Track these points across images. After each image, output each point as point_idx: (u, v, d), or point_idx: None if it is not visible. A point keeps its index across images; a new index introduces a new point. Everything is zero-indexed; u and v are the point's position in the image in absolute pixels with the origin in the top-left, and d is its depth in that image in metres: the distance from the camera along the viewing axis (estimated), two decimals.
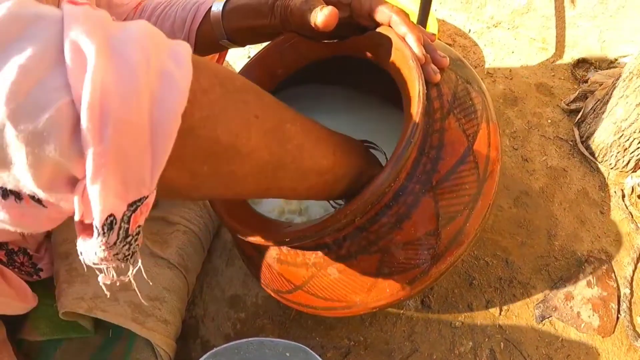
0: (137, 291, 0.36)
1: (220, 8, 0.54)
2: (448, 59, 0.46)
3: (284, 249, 0.49)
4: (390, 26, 0.45)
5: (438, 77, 0.45)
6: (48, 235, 0.67)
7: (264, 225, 0.48)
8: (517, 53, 0.93)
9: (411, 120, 0.40)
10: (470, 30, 0.97)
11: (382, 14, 0.45)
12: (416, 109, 0.40)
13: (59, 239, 0.66)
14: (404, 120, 0.42)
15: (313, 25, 0.43)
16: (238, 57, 1.00)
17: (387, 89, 0.53)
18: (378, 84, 0.59)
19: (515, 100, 0.86)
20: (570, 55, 0.92)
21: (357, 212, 0.41)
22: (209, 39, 0.56)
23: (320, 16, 0.41)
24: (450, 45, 0.95)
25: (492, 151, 0.47)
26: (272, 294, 0.55)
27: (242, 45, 0.58)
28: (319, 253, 0.47)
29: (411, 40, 0.44)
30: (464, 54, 0.94)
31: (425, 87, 0.42)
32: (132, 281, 0.28)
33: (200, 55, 0.56)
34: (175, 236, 0.71)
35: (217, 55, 0.65)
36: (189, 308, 0.71)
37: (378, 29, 0.47)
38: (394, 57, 0.45)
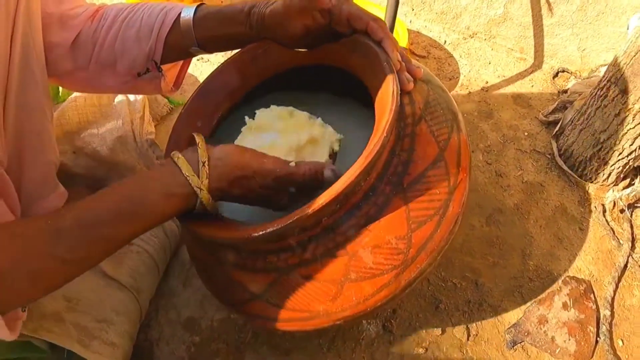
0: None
1: (191, 15, 0.55)
2: (422, 69, 0.50)
3: (243, 252, 0.49)
4: (367, 33, 0.48)
5: (411, 85, 0.48)
6: None
7: (225, 226, 0.49)
8: (494, 64, 0.95)
9: (383, 119, 0.42)
10: (445, 41, 0.99)
11: (359, 20, 0.48)
12: (389, 107, 0.43)
13: None
14: (376, 120, 0.45)
15: None
16: (204, 68, 1.03)
17: (362, 93, 0.56)
18: (355, 88, 0.63)
19: (491, 113, 0.87)
20: (549, 65, 0.94)
21: (325, 211, 0.42)
22: (178, 46, 0.58)
23: None
24: (424, 57, 0.97)
25: (462, 160, 0.49)
26: (227, 307, 0.55)
27: (212, 52, 0.60)
28: (282, 256, 0.47)
29: (387, 45, 0.47)
30: (438, 66, 0.96)
31: (398, 88, 0.44)
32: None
33: (167, 62, 0.60)
34: (129, 256, 0.72)
35: (181, 63, 0.66)
36: (144, 330, 0.72)
37: (354, 36, 0.49)
38: (369, 62, 0.48)
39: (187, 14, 0.56)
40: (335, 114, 0.65)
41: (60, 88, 0.91)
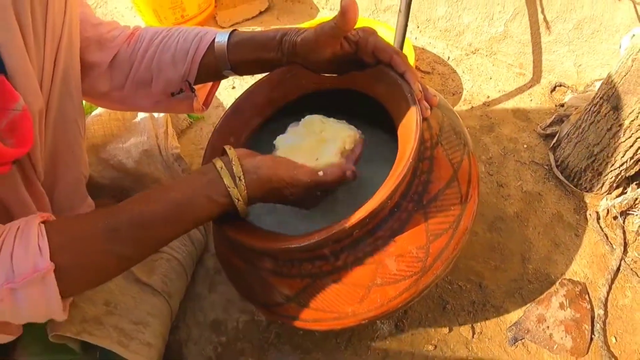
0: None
1: (225, 40, 0.60)
2: (438, 97, 0.56)
3: (280, 260, 0.55)
4: (390, 64, 0.54)
5: (429, 112, 0.54)
6: None
7: (264, 235, 0.55)
8: (495, 79, 1.01)
9: (407, 145, 0.49)
10: (449, 57, 1.06)
11: (384, 53, 0.53)
12: (414, 136, 0.48)
13: None
14: (398, 145, 0.51)
15: (334, 23, 0.51)
16: (222, 88, 1.09)
17: (374, 116, 0.65)
18: (367, 112, 0.68)
19: (492, 127, 0.94)
20: (547, 80, 1.00)
21: (358, 226, 0.48)
22: (211, 69, 0.62)
23: (344, 1, 0.48)
24: (429, 73, 1.04)
25: (472, 179, 0.56)
26: (259, 309, 0.61)
27: (243, 74, 0.64)
28: (317, 263, 0.52)
29: (410, 77, 0.52)
30: (442, 82, 1.03)
31: (421, 118, 0.50)
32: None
33: (200, 83, 0.65)
34: (160, 264, 0.79)
35: (210, 83, 0.71)
36: (173, 332, 0.79)
37: (379, 66, 0.55)
38: (392, 91, 0.54)
39: (222, 39, 0.60)
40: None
41: (84, 102, 0.96)
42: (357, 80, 0.60)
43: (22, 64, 0.48)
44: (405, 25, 0.81)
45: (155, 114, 0.96)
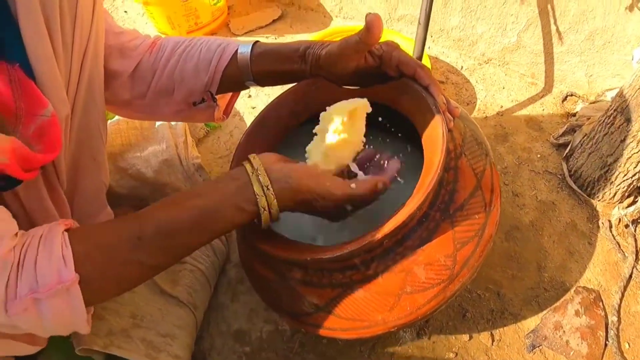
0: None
1: (248, 51, 0.61)
2: (460, 109, 0.57)
3: (310, 270, 0.56)
4: (414, 78, 0.55)
5: (452, 124, 0.55)
6: None
7: (294, 246, 0.56)
8: (508, 89, 1.04)
9: (435, 157, 0.51)
10: (462, 67, 1.08)
11: (408, 67, 0.55)
12: (441, 147, 0.51)
13: None
14: (424, 156, 0.53)
15: (358, 37, 0.51)
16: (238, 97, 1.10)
17: (392, 126, 0.67)
18: (386, 122, 0.70)
19: (506, 136, 0.96)
20: (558, 90, 1.03)
21: (389, 236, 0.50)
22: (233, 80, 0.63)
23: (369, 17, 0.49)
24: (443, 82, 1.06)
25: (494, 188, 0.58)
26: (287, 318, 0.62)
27: (265, 85, 0.65)
28: (347, 273, 0.54)
29: (434, 90, 0.54)
30: (457, 91, 1.05)
31: (447, 130, 0.52)
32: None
33: (222, 93, 0.65)
34: (184, 275, 0.80)
35: (230, 95, 0.72)
36: (197, 342, 0.80)
37: (403, 79, 0.57)
38: (417, 103, 0.56)
39: (245, 50, 0.61)
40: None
41: None
42: (380, 92, 0.62)
43: (51, 69, 0.48)
44: (425, 38, 0.83)
45: (173, 123, 0.97)
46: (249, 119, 1.06)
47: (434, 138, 0.53)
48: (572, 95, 1.02)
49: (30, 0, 0.45)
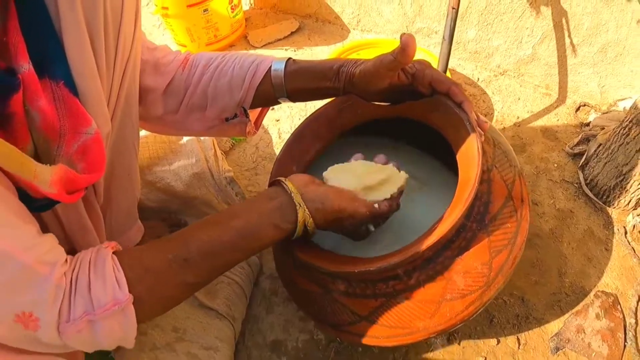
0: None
1: (282, 68, 0.62)
2: (488, 123, 0.62)
3: (354, 282, 0.60)
4: (448, 95, 0.58)
5: (483, 138, 0.59)
6: None
7: (337, 259, 0.61)
8: (523, 100, 1.08)
9: (471, 171, 0.55)
10: (478, 79, 1.12)
11: (441, 84, 0.58)
12: (476, 162, 0.55)
13: None
14: (459, 170, 0.57)
15: (393, 57, 0.54)
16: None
17: (416, 139, 0.71)
18: (414, 136, 0.76)
19: (524, 147, 1.01)
20: (572, 100, 1.08)
21: (432, 247, 0.54)
22: (266, 96, 0.65)
23: (404, 37, 0.51)
24: None
25: (524, 197, 0.62)
26: (327, 329, 0.66)
27: (297, 101, 0.67)
28: (390, 283, 0.58)
29: (467, 107, 0.57)
30: (474, 103, 1.09)
31: (482, 145, 0.56)
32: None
33: (254, 108, 0.67)
34: (221, 287, 0.83)
35: (260, 109, 0.73)
36: (234, 354, 0.83)
37: (436, 97, 0.60)
38: (450, 119, 0.60)
39: (279, 67, 0.63)
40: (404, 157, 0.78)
41: None
42: (413, 109, 0.66)
43: (94, 86, 0.48)
44: (449, 53, 0.86)
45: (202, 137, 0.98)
46: (273, 131, 1.10)
47: (469, 153, 0.57)
48: (585, 105, 1.07)
49: (75, 16, 0.45)
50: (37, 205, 0.47)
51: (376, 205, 0.61)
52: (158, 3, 1.14)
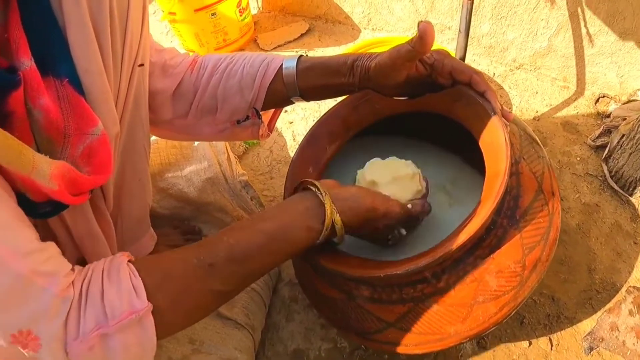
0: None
1: (294, 66, 0.59)
2: (513, 114, 0.58)
3: (378, 287, 0.57)
4: (470, 85, 0.55)
5: (508, 128, 0.55)
6: None
7: (359, 264, 0.57)
8: (541, 93, 1.06)
9: (500, 164, 0.51)
10: (494, 74, 1.10)
11: (462, 73, 0.55)
12: (505, 153, 0.51)
13: None
14: (485, 163, 0.54)
15: (411, 46, 0.50)
16: None
17: (437, 136, 0.69)
18: (436, 132, 0.72)
19: (545, 141, 0.98)
20: (590, 92, 1.05)
21: (462, 247, 0.50)
22: (279, 96, 0.62)
23: (422, 25, 0.48)
24: None
25: (554, 190, 0.59)
26: (352, 337, 0.62)
27: (311, 100, 0.64)
28: (418, 287, 0.54)
29: (491, 96, 0.54)
30: None
31: (509, 135, 0.53)
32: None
33: (266, 109, 0.64)
34: (240, 296, 0.80)
35: (273, 110, 0.70)
36: None
37: (457, 87, 0.57)
38: (473, 110, 0.57)
39: (290, 65, 0.60)
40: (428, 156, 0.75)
41: None
42: (432, 102, 0.63)
43: (101, 84, 0.46)
44: (466, 45, 0.84)
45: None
46: (286, 134, 1.07)
47: (496, 145, 0.54)
48: (604, 96, 1.04)
49: (79, 11, 0.42)
50: (41, 211, 0.44)
51: (409, 206, 0.57)
52: (165, 8, 1.12)
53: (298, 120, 1.10)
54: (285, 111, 1.11)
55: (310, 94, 0.62)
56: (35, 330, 0.37)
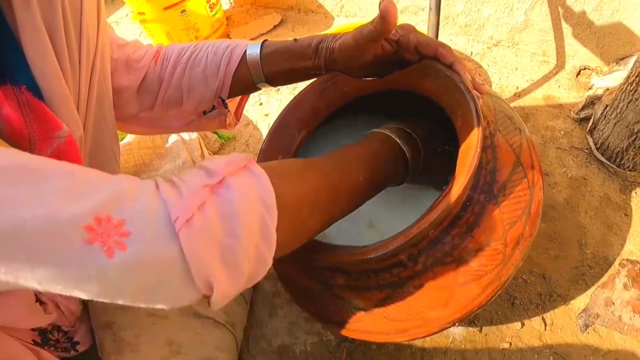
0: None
1: (258, 51, 0.58)
2: (486, 86, 0.55)
3: (354, 274, 0.54)
4: (436, 58, 0.52)
5: (481, 100, 0.52)
6: (84, 305, 0.69)
7: (338, 251, 0.53)
8: (521, 69, 1.02)
9: (472, 137, 0.48)
10: (472, 52, 1.06)
11: (428, 47, 0.52)
12: (476, 124, 0.48)
13: (98, 309, 0.68)
14: (458, 137, 0.50)
15: (373, 27, 0.48)
16: (250, 105, 1.08)
17: (410, 113, 0.66)
18: (402, 109, 0.69)
19: (527, 117, 0.94)
20: (571, 65, 1.01)
21: (434, 225, 0.47)
22: (244, 82, 0.60)
23: (383, 3, 0.45)
24: None
25: (534, 162, 0.55)
26: (333, 328, 0.59)
27: (277, 85, 0.62)
28: (394, 271, 0.51)
29: (459, 68, 0.51)
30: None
31: (479, 107, 0.49)
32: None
33: (232, 97, 0.62)
34: None
35: (239, 98, 0.69)
36: None
37: (424, 61, 0.54)
38: (442, 84, 0.53)
39: (254, 51, 0.58)
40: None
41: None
42: (401, 78, 0.59)
43: (59, 88, 0.45)
44: (438, 22, 0.81)
45: (187, 137, 0.94)
46: (262, 126, 1.03)
47: (467, 117, 0.50)
48: (585, 68, 1.01)
49: (31, 16, 0.42)
50: None
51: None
52: (135, 9, 1.09)
53: (274, 112, 1.06)
54: (261, 104, 1.08)
55: (276, 79, 0.60)
56: (117, 214, 0.29)
